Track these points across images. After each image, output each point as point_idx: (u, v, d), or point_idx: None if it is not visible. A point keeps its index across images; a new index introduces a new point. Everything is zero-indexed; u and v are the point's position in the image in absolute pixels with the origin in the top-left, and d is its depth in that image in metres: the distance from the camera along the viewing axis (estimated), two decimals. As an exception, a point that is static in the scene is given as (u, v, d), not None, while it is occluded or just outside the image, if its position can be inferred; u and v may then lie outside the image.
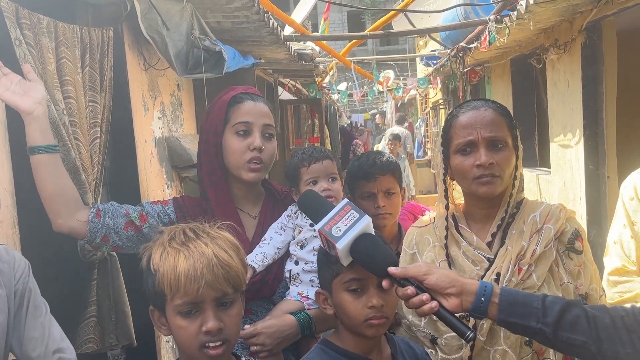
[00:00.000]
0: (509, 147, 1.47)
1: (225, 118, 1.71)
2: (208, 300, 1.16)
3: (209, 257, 1.16)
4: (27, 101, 1.55)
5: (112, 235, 1.67)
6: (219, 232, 1.25)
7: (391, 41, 23.84)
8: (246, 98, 1.74)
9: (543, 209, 1.51)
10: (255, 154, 1.68)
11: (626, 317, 1.14)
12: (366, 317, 1.29)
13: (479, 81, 7.09)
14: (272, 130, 1.76)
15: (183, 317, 1.17)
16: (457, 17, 5.47)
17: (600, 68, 4.00)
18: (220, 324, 1.16)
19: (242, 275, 1.23)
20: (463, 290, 1.19)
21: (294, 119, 7.24)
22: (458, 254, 1.52)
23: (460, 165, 1.48)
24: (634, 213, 1.84)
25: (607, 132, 4.04)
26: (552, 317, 1.14)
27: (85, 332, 2.07)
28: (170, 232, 1.23)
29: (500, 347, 1.42)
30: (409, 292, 1.18)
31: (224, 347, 1.18)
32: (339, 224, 1.25)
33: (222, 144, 1.71)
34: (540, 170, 5.55)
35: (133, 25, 2.57)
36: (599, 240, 4.15)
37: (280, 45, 4.08)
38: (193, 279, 1.14)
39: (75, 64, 2.00)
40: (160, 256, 1.19)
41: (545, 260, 1.46)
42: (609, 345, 1.11)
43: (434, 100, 11.29)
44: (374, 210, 2.05)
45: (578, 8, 3.68)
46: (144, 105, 2.84)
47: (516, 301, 1.18)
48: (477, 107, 1.50)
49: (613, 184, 4.07)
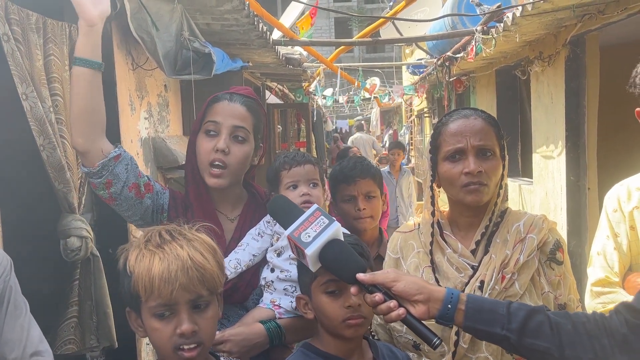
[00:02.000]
0: (497, 157, 1.49)
1: (203, 116, 1.68)
2: (182, 302, 1.16)
3: (183, 259, 1.16)
4: (95, 12, 1.52)
5: (117, 184, 1.61)
6: (196, 235, 1.24)
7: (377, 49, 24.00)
8: (224, 97, 1.68)
9: (527, 219, 1.54)
10: (218, 155, 1.61)
11: (587, 323, 1.16)
12: (344, 317, 1.31)
13: (464, 91, 7.16)
14: (243, 133, 1.66)
15: (157, 319, 1.17)
16: (445, 27, 5.53)
17: (582, 81, 4.07)
18: (195, 326, 1.16)
19: (218, 278, 1.23)
20: (430, 297, 1.19)
21: (281, 123, 7.24)
22: (442, 261, 1.53)
23: (448, 173, 1.49)
24: (617, 225, 1.86)
25: (588, 144, 4.12)
26: (516, 323, 1.16)
27: (66, 333, 2.04)
28: (147, 233, 1.23)
29: (482, 355, 1.44)
30: (377, 298, 1.18)
31: (199, 350, 1.18)
32: (309, 229, 1.24)
33: (196, 143, 1.68)
34: (522, 180, 5.62)
35: (122, 25, 2.56)
36: (579, 251, 4.21)
37: (268, 49, 4.09)
38: (167, 281, 1.14)
39: (63, 61, 1.99)
40: (135, 258, 1.18)
41: (528, 269, 1.48)
42: (571, 351, 1.13)
43: (419, 109, 11.38)
44: (355, 213, 2.08)
45: (563, 22, 3.75)
46: (130, 105, 2.82)
47: (482, 308, 1.19)
48: (467, 115, 1.51)
49: (593, 195, 4.14)
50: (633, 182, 1.88)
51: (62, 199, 1.99)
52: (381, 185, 2.19)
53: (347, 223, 2.15)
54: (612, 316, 1.15)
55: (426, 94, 9.61)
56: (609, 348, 1.12)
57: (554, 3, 3.10)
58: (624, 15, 3.16)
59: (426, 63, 7.40)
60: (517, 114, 5.95)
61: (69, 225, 2.03)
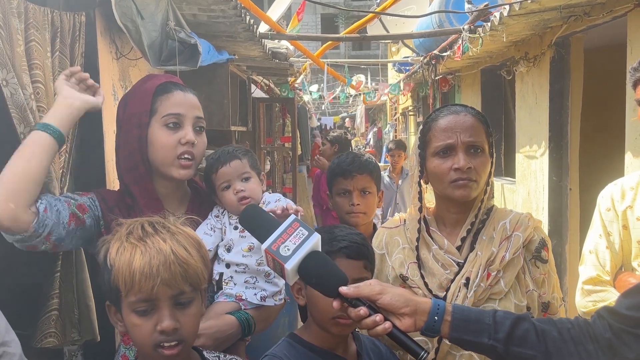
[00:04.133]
0: (486, 154, 1.49)
1: (152, 109, 1.57)
2: (164, 298, 1.13)
3: (166, 254, 1.12)
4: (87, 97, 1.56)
5: (56, 229, 1.47)
6: (180, 228, 1.21)
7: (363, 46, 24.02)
8: (174, 88, 1.60)
9: (513, 216, 1.54)
10: (187, 148, 1.56)
11: (572, 329, 1.16)
12: (334, 315, 1.30)
13: (449, 90, 7.20)
14: (203, 123, 1.63)
15: (138, 315, 1.14)
16: (432, 25, 5.55)
17: (567, 83, 4.12)
18: (176, 323, 1.13)
19: (202, 274, 1.19)
20: (417, 310, 1.17)
21: (266, 118, 7.20)
22: (428, 257, 1.53)
23: (437, 168, 1.49)
24: (610, 224, 1.87)
25: (571, 145, 4.17)
26: (503, 332, 1.15)
27: (46, 326, 1.99)
28: (129, 226, 1.19)
29: (466, 352, 1.44)
30: (362, 312, 1.14)
31: (180, 347, 1.15)
32: (287, 242, 1.16)
33: (147, 138, 1.57)
34: (505, 179, 5.67)
35: (106, 12, 2.51)
36: (559, 250, 4.27)
37: (255, 43, 4.06)
38: (148, 276, 1.10)
39: (45, 48, 1.94)
40: (116, 251, 1.15)
41: (513, 267, 1.48)
42: (558, 357, 1.13)
43: (404, 107, 11.42)
44: (348, 208, 2.09)
45: (549, 23, 3.78)
46: (114, 95, 2.77)
47: (468, 318, 1.17)
48: (458, 111, 1.51)
49: (574, 196, 4.20)
50: (627, 181, 1.89)
51: (43, 189, 1.95)
52: (378, 181, 2.19)
53: (341, 217, 2.15)
54: (596, 321, 1.16)
55: (411, 92, 9.65)
56: (594, 353, 1.12)
57: (541, 3, 3.13)
58: (608, 17, 3.20)
59: (412, 61, 7.42)
60: (501, 114, 6.00)
61: (49, 216, 1.99)
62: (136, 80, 3.10)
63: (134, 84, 1.67)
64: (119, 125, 1.65)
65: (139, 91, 1.62)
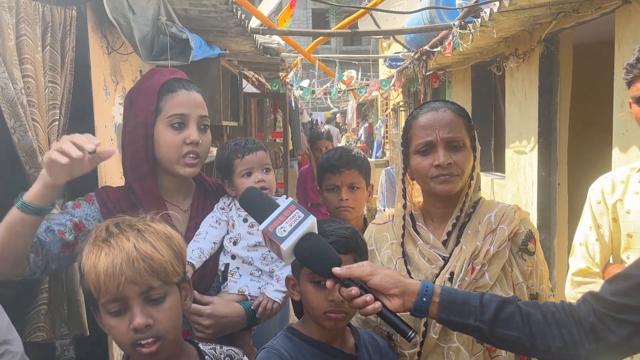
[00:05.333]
0: (467, 148, 1.51)
1: (157, 108, 1.58)
2: (132, 296, 1.12)
3: (128, 251, 1.11)
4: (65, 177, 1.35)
5: (49, 264, 1.47)
6: (149, 224, 1.19)
7: (354, 41, 24.00)
8: (179, 86, 1.61)
9: (499, 209, 1.55)
10: (191, 147, 1.58)
11: (557, 312, 1.18)
12: (325, 309, 1.32)
13: (440, 85, 7.23)
14: (207, 121, 1.65)
15: (112, 316, 1.13)
16: (423, 20, 5.56)
17: (556, 78, 4.15)
18: (149, 320, 1.12)
19: (173, 267, 1.17)
20: (406, 291, 1.21)
21: (257, 113, 7.19)
22: (414, 252, 1.54)
23: (419, 165, 1.51)
24: (600, 216, 1.89)
25: (559, 140, 4.20)
26: (488, 314, 1.18)
27: (35, 320, 2.00)
28: (97, 229, 1.19)
29: (454, 344, 1.46)
30: (353, 292, 1.19)
31: (159, 344, 1.14)
32: (284, 224, 1.22)
33: (153, 137, 1.59)
34: (494, 174, 5.71)
35: (97, 7, 2.50)
36: (548, 245, 4.31)
37: (246, 37, 4.05)
38: (112, 275, 1.09)
39: (36, 43, 1.94)
40: (86, 256, 1.15)
41: (498, 260, 1.49)
42: (541, 340, 1.16)
43: (395, 102, 11.44)
44: (337, 203, 2.09)
45: (538, 19, 3.81)
46: (105, 89, 2.77)
47: (456, 300, 1.21)
48: (437, 108, 1.53)
49: (563, 190, 4.24)
50: (617, 175, 1.91)
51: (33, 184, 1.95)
52: (367, 176, 2.19)
53: (331, 212, 2.17)
54: (580, 305, 1.18)
55: (402, 88, 9.67)
56: (578, 336, 1.14)
57: (531, 0, 3.15)
58: (597, 14, 3.23)
59: (403, 56, 7.43)
60: (491, 110, 6.04)
61: (40, 211, 1.98)
62: (128, 75, 3.10)
63: (139, 79, 1.66)
64: (125, 122, 1.65)
65: (143, 88, 1.62)
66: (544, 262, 1.59)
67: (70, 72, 2.13)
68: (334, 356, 1.38)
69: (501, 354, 1.49)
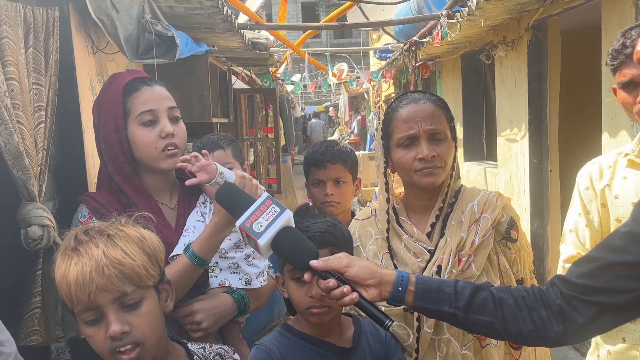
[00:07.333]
0: (448, 139, 1.50)
1: (125, 111, 1.58)
2: (105, 303, 1.09)
3: (97, 258, 1.08)
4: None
5: None
6: (120, 228, 1.16)
7: (345, 34, 23.96)
8: (141, 84, 1.61)
9: (480, 197, 1.54)
10: (168, 140, 1.58)
11: (527, 297, 1.21)
12: (307, 305, 1.33)
13: (430, 76, 7.23)
14: (177, 112, 1.64)
15: (88, 325, 1.11)
16: (411, 11, 5.56)
17: (545, 65, 4.16)
18: (125, 326, 1.09)
19: (147, 270, 1.14)
20: (382, 281, 1.22)
21: (248, 109, 7.17)
22: (400, 247, 1.53)
23: (402, 159, 1.49)
24: (589, 202, 1.89)
25: (550, 127, 4.22)
26: (462, 301, 1.20)
27: (30, 324, 1.99)
28: (66, 239, 1.16)
29: (445, 336, 1.46)
30: (330, 284, 1.20)
31: (138, 350, 1.11)
32: (260, 219, 1.23)
33: (128, 139, 1.59)
34: (487, 163, 5.73)
35: (80, 6, 2.48)
36: (541, 232, 4.33)
37: (234, 33, 4.03)
38: (82, 285, 1.06)
39: (18, 44, 1.91)
40: (57, 266, 1.12)
41: (484, 250, 1.49)
42: (513, 323, 1.19)
43: (387, 94, 11.43)
44: (322, 198, 2.07)
45: (525, 6, 3.81)
46: (91, 90, 2.75)
47: (430, 288, 1.23)
48: (417, 100, 1.51)
49: (555, 177, 4.26)
50: (605, 160, 1.90)
51: (21, 187, 1.93)
52: (354, 170, 2.17)
53: (316, 207, 2.15)
54: (549, 289, 1.21)
55: (393, 79, 9.66)
56: (547, 319, 1.17)
57: (517, -13, 3.15)
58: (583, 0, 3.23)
59: (393, 48, 7.43)
60: (482, 98, 6.05)
61: (29, 214, 1.96)
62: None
63: (102, 87, 1.66)
64: (97, 131, 1.65)
65: (107, 94, 1.62)
66: (527, 245, 1.58)
67: (55, 73, 2.11)
68: (326, 349, 1.38)
69: (492, 342, 1.50)
